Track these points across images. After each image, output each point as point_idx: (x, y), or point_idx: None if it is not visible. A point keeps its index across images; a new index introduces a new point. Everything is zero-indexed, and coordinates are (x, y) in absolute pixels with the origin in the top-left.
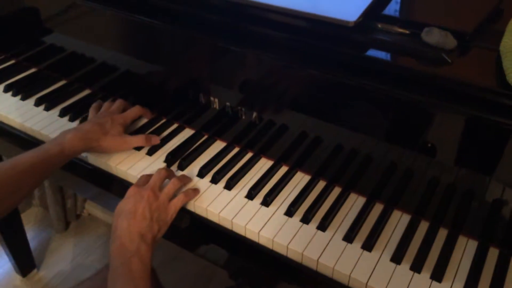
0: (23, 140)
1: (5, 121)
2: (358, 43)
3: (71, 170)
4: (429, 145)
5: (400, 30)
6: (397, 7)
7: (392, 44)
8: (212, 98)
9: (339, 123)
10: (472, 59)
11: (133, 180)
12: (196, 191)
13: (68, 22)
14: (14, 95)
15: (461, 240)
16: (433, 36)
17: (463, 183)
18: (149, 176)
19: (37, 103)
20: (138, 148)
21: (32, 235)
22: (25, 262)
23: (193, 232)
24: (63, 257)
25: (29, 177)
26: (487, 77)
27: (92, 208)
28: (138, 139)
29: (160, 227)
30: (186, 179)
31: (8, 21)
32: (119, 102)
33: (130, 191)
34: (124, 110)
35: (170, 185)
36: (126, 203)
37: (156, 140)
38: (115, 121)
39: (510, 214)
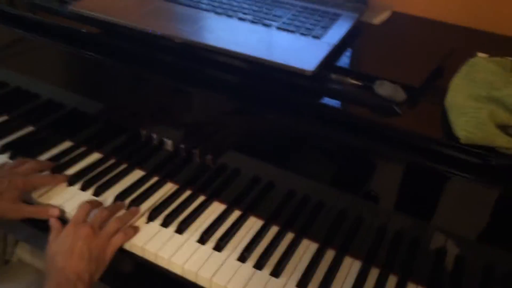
0: None
1: None
2: (313, 91)
3: None
4: (372, 192)
5: (353, 81)
6: (349, 60)
7: (346, 94)
8: (165, 139)
9: (291, 169)
10: (420, 111)
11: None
12: (135, 229)
13: (13, 56)
14: None
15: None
16: (385, 89)
17: (407, 230)
18: (88, 208)
19: None
20: (84, 188)
21: None
22: None
23: (139, 278)
24: None
25: None
26: (434, 128)
27: (23, 253)
28: (33, 210)
29: (97, 267)
30: (127, 217)
31: None
32: (30, 164)
33: (68, 230)
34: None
35: (111, 224)
36: (63, 242)
37: (54, 212)
38: (12, 183)
39: (454, 263)
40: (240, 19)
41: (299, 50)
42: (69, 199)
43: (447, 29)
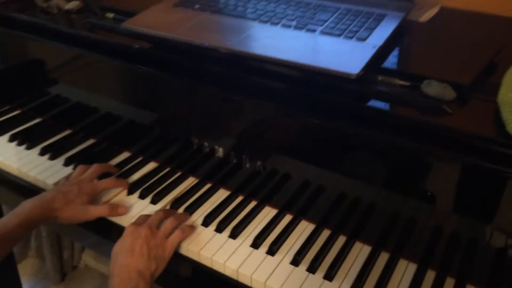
0: (27, 190)
1: (9, 171)
2: (359, 94)
3: None
4: (429, 193)
5: (401, 82)
6: (396, 60)
7: (393, 95)
8: (216, 147)
9: (342, 172)
10: (471, 110)
11: None
12: (192, 227)
13: (73, 73)
14: (19, 144)
15: None
16: (433, 88)
17: (465, 231)
18: (147, 216)
19: (42, 153)
20: (142, 196)
21: (28, 285)
22: None
23: (195, 282)
24: None
25: None
26: (486, 127)
27: (89, 259)
28: (102, 209)
29: (157, 265)
30: (183, 217)
31: (13, 72)
32: (93, 169)
33: (128, 230)
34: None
35: (167, 223)
36: (124, 241)
37: (123, 210)
38: (82, 189)
39: None
40: (285, 26)
41: (343, 54)
42: (129, 207)
43: (499, 22)
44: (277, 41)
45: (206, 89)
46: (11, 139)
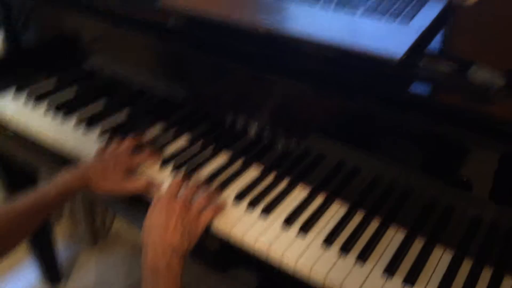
0: (63, 161)
1: (47, 140)
2: (401, 78)
3: None
4: (465, 179)
5: (445, 67)
6: (439, 44)
7: (437, 80)
8: (250, 123)
9: (378, 154)
10: None
11: None
12: (223, 205)
13: (108, 45)
14: (55, 114)
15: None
16: (480, 74)
17: (502, 220)
18: (180, 184)
19: (78, 124)
20: (176, 170)
21: (61, 248)
22: (52, 274)
23: (225, 255)
24: (89, 273)
25: (28, 221)
26: None
27: (120, 226)
28: (139, 185)
29: (190, 241)
30: (215, 194)
31: (49, 42)
32: (128, 142)
33: (162, 203)
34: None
35: (201, 199)
36: (159, 216)
37: (157, 188)
38: (118, 162)
39: None
40: (325, 5)
41: (385, 37)
42: (162, 182)
43: None
44: (316, 22)
45: (242, 68)
46: (47, 109)
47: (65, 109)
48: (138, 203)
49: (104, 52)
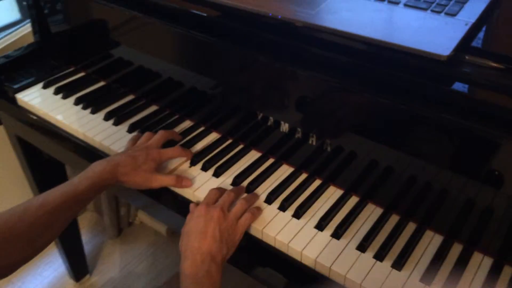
0: (92, 154)
1: (75, 134)
2: (448, 77)
3: None
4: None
5: (494, 64)
6: (488, 39)
7: (486, 79)
8: (281, 121)
9: (416, 155)
10: None
11: (191, 198)
12: (260, 209)
13: (135, 35)
14: (84, 108)
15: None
16: None
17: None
18: (217, 193)
19: (107, 118)
20: (205, 168)
21: (85, 239)
22: (79, 267)
23: (252, 255)
24: (115, 264)
25: (59, 215)
26: None
27: (144, 217)
28: (169, 179)
29: (228, 248)
30: (253, 199)
31: (78, 34)
32: (159, 135)
33: (200, 210)
34: (164, 144)
35: (238, 205)
36: (196, 223)
37: (187, 183)
38: (149, 156)
39: None
40: None
41: (431, 31)
42: (192, 179)
43: None
44: (356, 14)
45: (275, 62)
46: (76, 102)
47: (94, 102)
48: (158, 197)
49: (133, 43)
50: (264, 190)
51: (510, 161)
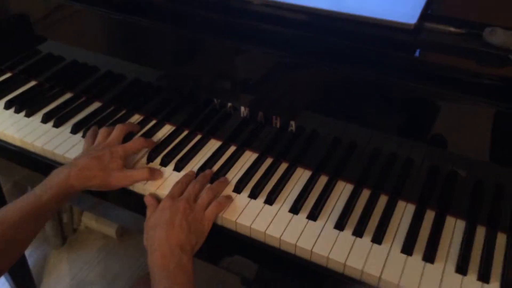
0: (33, 161)
1: (11, 141)
2: (413, 45)
3: None
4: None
5: (456, 30)
6: (447, 5)
7: (452, 45)
8: (240, 106)
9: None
10: None
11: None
12: (228, 198)
13: (64, 27)
14: (17, 111)
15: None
16: (498, 36)
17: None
18: (182, 186)
19: (45, 120)
20: (164, 163)
21: (27, 252)
22: (24, 282)
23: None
24: (63, 275)
25: (22, 231)
26: None
27: (89, 221)
28: (141, 173)
29: (197, 238)
30: (219, 187)
31: None
32: (118, 130)
33: (165, 203)
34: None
35: (204, 196)
36: (162, 215)
37: (160, 174)
38: (114, 154)
39: None
40: None
41: (393, 1)
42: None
43: None
44: None
45: (225, 41)
46: (7, 106)
47: (27, 104)
48: (103, 195)
49: (60, 34)
50: (230, 179)
51: (465, 122)
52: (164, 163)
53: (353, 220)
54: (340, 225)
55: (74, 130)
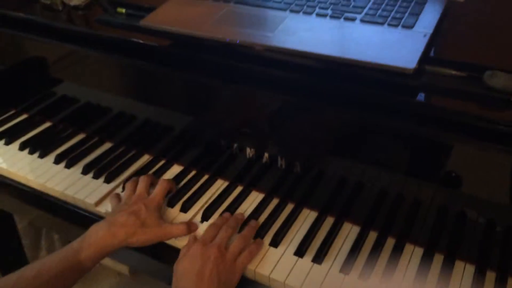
0: (44, 202)
1: (24, 182)
2: (415, 89)
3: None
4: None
5: (457, 73)
6: (447, 48)
7: (453, 89)
8: (248, 148)
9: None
10: None
11: None
12: (259, 245)
13: (78, 70)
14: (30, 152)
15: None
16: (499, 79)
17: None
18: (215, 230)
19: (57, 161)
20: (171, 204)
21: None
22: None
23: None
24: None
25: (59, 285)
26: None
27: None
28: (180, 229)
29: None
30: (250, 233)
31: (14, 74)
32: (143, 182)
33: (196, 250)
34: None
35: (236, 243)
36: (192, 263)
37: (195, 226)
38: (148, 206)
39: None
40: (320, 15)
41: (392, 45)
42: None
43: None
44: (316, 34)
45: (240, 88)
46: (21, 147)
47: (41, 145)
48: None
49: (75, 78)
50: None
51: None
52: (171, 204)
53: (359, 263)
54: (346, 269)
55: (85, 171)
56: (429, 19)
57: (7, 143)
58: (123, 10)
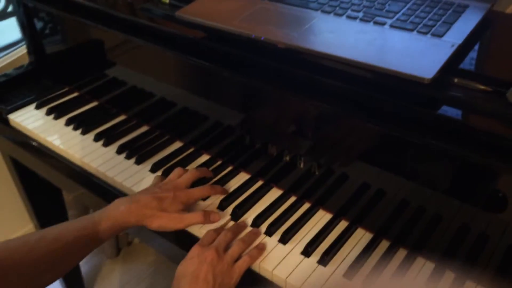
0: (80, 175)
1: (65, 156)
2: (432, 100)
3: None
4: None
5: (482, 87)
6: (477, 60)
7: (472, 103)
8: (269, 144)
9: (407, 177)
10: None
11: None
12: (261, 250)
13: (128, 55)
14: (75, 129)
15: None
16: None
17: None
18: (215, 233)
19: (96, 139)
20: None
21: (83, 260)
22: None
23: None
24: (113, 284)
25: (73, 251)
26: None
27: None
28: (196, 217)
29: None
30: (252, 238)
31: (73, 54)
32: (190, 174)
33: (194, 251)
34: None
35: (235, 247)
36: (189, 264)
37: (216, 217)
38: (177, 198)
39: None
40: (350, 17)
41: (416, 53)
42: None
43: None
44: (340, 36)
45: (261, 85)
46: (67, 123)
47: (85, 123)
48: None
49: (124, 63)
50: (252, 215)
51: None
52: (223, 207)
53: (364, 270)
54: (349, 274)
55: (119, 151)
56: (462, 29)
57: (55, 118)
58: (167, 0)
